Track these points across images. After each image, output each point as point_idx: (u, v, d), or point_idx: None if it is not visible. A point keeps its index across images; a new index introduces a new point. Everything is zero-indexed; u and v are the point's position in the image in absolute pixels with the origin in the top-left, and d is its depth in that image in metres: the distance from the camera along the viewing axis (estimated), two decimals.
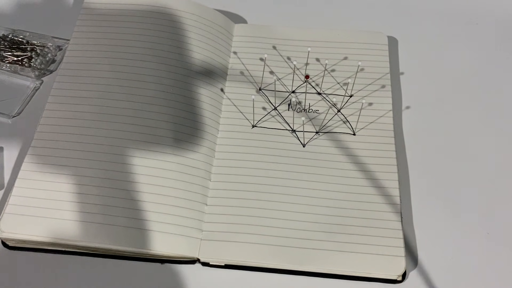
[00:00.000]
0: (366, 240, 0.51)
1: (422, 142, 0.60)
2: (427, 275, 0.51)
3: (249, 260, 0.51)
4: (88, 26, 0.63)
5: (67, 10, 0.70)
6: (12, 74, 0.63)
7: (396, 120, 0.61)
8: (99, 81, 0.59)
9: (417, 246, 0.53)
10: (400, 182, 0.55)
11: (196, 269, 0.52)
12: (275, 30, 0.66)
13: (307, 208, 0.53)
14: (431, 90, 0.64)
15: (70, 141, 0.55)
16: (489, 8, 0.71)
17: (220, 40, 0.64)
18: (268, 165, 0.56)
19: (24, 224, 0.51)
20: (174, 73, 0.60)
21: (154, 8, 0.64)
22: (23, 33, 0.66)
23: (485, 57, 0.67)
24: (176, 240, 0.51)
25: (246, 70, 0.63)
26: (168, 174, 0.54)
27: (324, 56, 0.64)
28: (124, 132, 0.56)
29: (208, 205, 0.54)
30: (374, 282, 0.51)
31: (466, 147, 0.60)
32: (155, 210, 0.52)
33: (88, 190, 0.52)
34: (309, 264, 0.50)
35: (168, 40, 0.62)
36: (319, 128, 0.59)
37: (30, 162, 0.54)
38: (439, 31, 0.69)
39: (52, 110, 0.57)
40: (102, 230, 0.51)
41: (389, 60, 0.64)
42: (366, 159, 0.56)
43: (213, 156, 0.57)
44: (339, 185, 0.55)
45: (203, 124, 0.58)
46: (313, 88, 0.62)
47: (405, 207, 0.55)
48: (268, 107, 0.61)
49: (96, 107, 0.57)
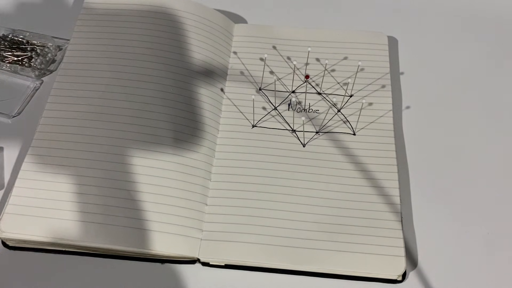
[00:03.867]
0: (366, 240, 0.51)
1: (422, 142, 0.60)
2: (427, 275, 0.51)
3: (249, 260, 0.51)
4: (88, 26, 0.63)
5: (67, 10, 0.70)
6: (12, 74, 0.63)
7: (396, 120, 0.61)
8: (99, 81, 0.59)
9: (417, 246, 0.53)
10: (400, 182, 0.55)
11: (196, 269, 0.52)
12: (275, 30, 0.66)
13: (307, 208, 0.53)
14: (431, 90, 0.64)
15: (70, 141, 0.55)
16: (489, 8, 0.71)
17: (220, 40, 0.64)
18: (268, 165, 0.56)
19: (24, 224, 0.51)
20: (174, 73, 0.60)
21: (154, 8, 0.64)
22: (23, 33, 0.66)
23: (485, 57, 0.67)
24: (176, 240, 0.51)
25: (246, 70, 0.63)
26: (168, 174, 0.54)
27: (324, 56, 0.64)
28: (124, 132, 0.56)
29: (208, 205, 0.54)
30: (374, 282, 0.51)
31: (466, 147, 0.60)
32: (155, 210, 0.52)
33: (88, 190, 0.52)
34: (309, 264, 0.50)
35: (168, 40, 0.62)
36: (319, 128, 0.59)
37: (30, 162, 0.54)
38: (439, 31, 0.69)
39: (52, 110, 0.57)
40: (102, 230, 0.51)
41: (389, 60, 0.64)
42: (366, 159, 0.56)
43: (213, 156, 0.57)
44: (339, 185, 0.55)
45: (203, 124, 0.58)
46: (313, 88, 0.62)
47: (405, 207, 0.55)
48: (268, 107, 0.61)
49: (96, 107, 0.57)
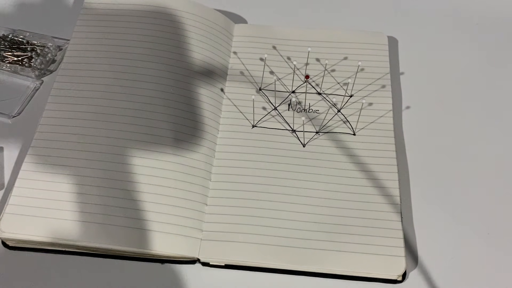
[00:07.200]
0: (366, 240, 0.51)
1: (422, 142, 0.60)
2: (427, 275, 0.51)
3: (249, 260, 0.51)
4: (88, 26, 0.63)
5: (67, 10, 0.70)
6: (12, 74, 0.63)
7: (396, 120, 0.61)
8: (99, 81, 0.59)
9: (417, 246, 0.53)
10: (400, 182, 0.55)
11: (196, 269, 0.52)
12: (275, 30, 0.66)
13: (307, 208, 0.53)
14: (431, 90, 0.64)
15: (70, 141, 0.55)
16: (489, 8, 0.71)
17: (220, 40, 0.64)
18: (268, 165, 0.56)
19: (24, 224, 0.51)
20: (174, 73, 0.60)
21: (154, 8, 0.64)
22: (23, 33, 0.66)
23: (485, 57, 0.67)
24: (176, 240, 0.51)
25: (246, 70, 0.63)
26: (168, 174, 0.54)
27: (324, 56, 0.64)
28: (124, 132, 0.56)
29: (208, 205, 0.54)
30: (374, 282, 0.51)
31: (466, 147, 0.60)
32: (155, 210, 0.52)
33: (88, 190, 0.52)
34: (309, 264, 0.50)
35: (168, 40, 0.62)
36: (319, 128, 0.59)
37: (30, 162, 0.54)
38: (439, 31, 0.69)
39: (52, 110, 0.57)
40: (102, 230, 0.51)
41: (389, 60, 0.64)
42: (366, 159, 0.56)
43: (213, 156, 0.57)
44: (339, 185, 0.55)
45: (203, 124, 0.58)
46: (313, 88, 0.62)
47: (405, 207, 0.55)
48: (268, 107, 0.61)
49: (96, 107, 0.57)
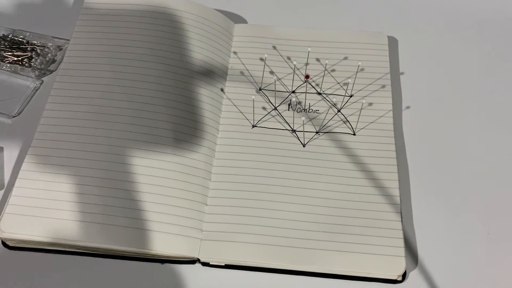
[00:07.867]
0: (366, 240, 0.51)
1: (422, 142, 0.60)
2: (427, 275, 0.51)
3: (249, 260, 0.51)
4: (88, 26, 0.63)
5: (67, 10, 0.70)
6: (12, 74, 0.63)
7: (396, 120, 0.61)
8: (99, 81, 0.59)
9: (417, 246, 0.53)
10: (400, 182, 0.55)
11: (196, 269, 0.52)
12: (275, 30, 0.66)
13: (307, 208, 0.53)
14: (431, 90, 0.64)
15: (70, 141, 0.55)
16: (489, 8, 0.71)
17: (220, 40, 0.64)
18: (268, 165, 0.56)
19: (24, 224, 0.51)
20: (174, 73, 0.60)
21: (154, 8, 0.64)
22: (23, 33, 0.66)
23: (485, 57, 0.67)
24: (176, 240, 0.51)
25: (246, 70, 0.63)
26: (168, 174, 0.54)
27: (324, 56, 0.64)
28: (124, 132, 0.56)
29: (208, 205, 0.54)
30: (374, 282, 0.51)
31: (466, 147, 0.60)
32: (155, 210, 0.52)
33: (88, 190, 0.52)
34: (309, 264, 0.50)
35: (168, 40, 0.62)
36: (319, 128, 0.59)
37: (30, 162, 0.54)
38: (439, 31, 0.69)
39: (52, 110, 0.57)
40: (102, 230, 0.51)
41: (389, 60, 0.64)
42: (366, 159, 0.56)
43: (213, 156, 0.57)
44: (339, 185, 0.55)
45: (203, 124, 0.58)
46: (313, 88, 0.62)
47: (405, 207, 0.55)
48: (268, 107, 0.61)
49: (96, 107, 0.57)
